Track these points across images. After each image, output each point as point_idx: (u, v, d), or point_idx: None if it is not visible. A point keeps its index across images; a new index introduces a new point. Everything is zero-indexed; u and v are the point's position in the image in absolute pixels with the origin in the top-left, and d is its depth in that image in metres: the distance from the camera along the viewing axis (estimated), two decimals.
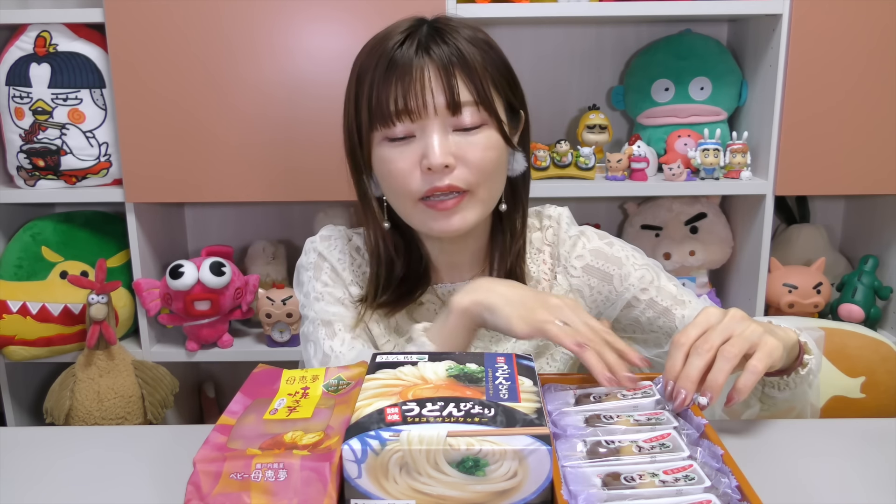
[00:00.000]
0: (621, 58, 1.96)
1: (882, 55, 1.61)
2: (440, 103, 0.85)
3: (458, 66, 0.86)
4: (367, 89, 0.87)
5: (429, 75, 0.84)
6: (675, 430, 0.67)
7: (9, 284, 1.70)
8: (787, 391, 0.85)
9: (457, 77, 0.85)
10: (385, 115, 0.85)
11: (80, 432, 1.08)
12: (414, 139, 0.86)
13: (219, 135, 1.64)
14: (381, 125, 0.86)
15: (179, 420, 1.96)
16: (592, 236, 1.02)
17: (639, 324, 1.00)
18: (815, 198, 2.01)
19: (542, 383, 0.77)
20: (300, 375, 0.74)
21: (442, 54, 0.85)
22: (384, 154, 0.88)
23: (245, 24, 1.59)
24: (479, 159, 0.87)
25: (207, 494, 0.58)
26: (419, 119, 0.85)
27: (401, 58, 0.85)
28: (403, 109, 0.84)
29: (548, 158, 1.72)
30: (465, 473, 0.56)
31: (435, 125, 0.85)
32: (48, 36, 1.63)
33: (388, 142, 0.87)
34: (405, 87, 0.84)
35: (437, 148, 0.84)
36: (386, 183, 0.90)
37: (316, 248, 1.02)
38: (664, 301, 0.99)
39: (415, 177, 0.86)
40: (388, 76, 0.85)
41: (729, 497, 0.58)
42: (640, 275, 0.99)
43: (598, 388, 0.75)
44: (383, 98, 0.85)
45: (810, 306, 1.75)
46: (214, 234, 2.05)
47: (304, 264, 1.02)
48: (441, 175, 0.85)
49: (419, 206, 0.88)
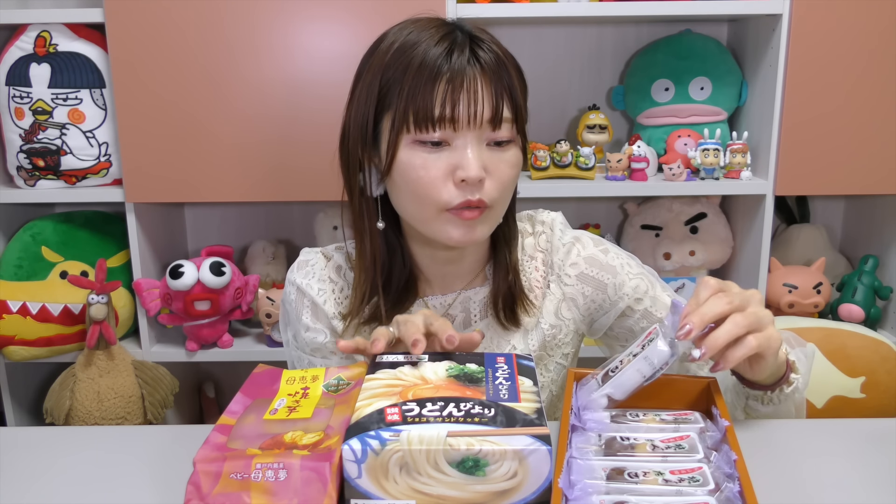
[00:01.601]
0: (621, 58, 1.96)
1: (882, 55, 1.61)
2: (486, 115, 0.83)
3: (504, 81, 0.85)
4: (405, 90, 0.82)
5: (481, 85, 0.83)
6: (698, 433, 0.67)
7: (9, 284, 1.70)
8: (771, 406, 0.85)
9: (504, 94, 0.84)
10: (427, 118, 0.82)
11: (80, 432, 1.08)
12: (447, 147, 0.84)
13: (219, 135, 1.64)
14: (419, 129, 0.83)
15: (179, 420, 1.96)
16: (588, 243, 1.00)
17: (632, 333, 1.00)
18: (815, 198, 2.01)
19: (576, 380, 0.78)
20: (300, 375, 0.74)
21: (491, 65, 0.84)
22: (414, 159, 0.84)
23: (245, 24, 1.59)
24: (506, 176, 0.86)
25: (207, 494, 0.58)
26: (461, 129, 0.83)
27: (449, 60, 0.82)
28: (450, 117, 0.82)
29: (548, 158, 1.72)
30: (465, 473, 0.56)
31: (473, 137, 0.84)
32: (48, 36, 1.63)
33: (419, 145, 0.84)
34: (455, 93, 0.82)
35: (475, 161, 0.83)
36: (410, 187, 0.85)
37: (293, 279, 0.99)
38: (659, 312, 0.98)
39: (447, 187, 0.84)
40: (434, 79, 0.82)
41: (731, 502, 0.58)
42: (635, 284, 0.98)
43: (612, 362, 0.75)
44: (428, 101, 0.82)
45: (810, 306, 1.75)
46: (214, 234, 2.05)
47: (288, 298, 1.00)
48: (473, 188, 0.84)
49: (444, 216, 0.85)
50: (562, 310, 0.98)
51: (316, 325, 0.97)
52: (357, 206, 0.93)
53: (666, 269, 1.85)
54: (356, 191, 0.92)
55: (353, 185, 0.92)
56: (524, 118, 0.90)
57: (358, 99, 0.88)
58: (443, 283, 0.98)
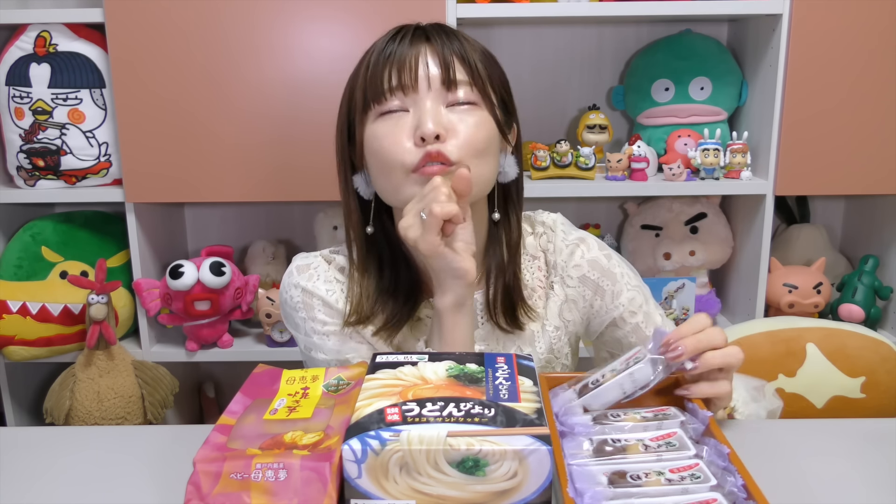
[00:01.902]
0: (621, 58, 1.96)
1: (882, 55, 1.61)
2: (434, 76, 0.86)
3: (455, 50, 0.88)
4: (361, 75, 0.89)
5: (425, 52, 0.87)
6: (680, 427, 0.67)
7: (9, 284, 1.70)
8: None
9: (454, 58, 0.88)
10: (378, 91, 0.87)
11: (80, 432, 1.08)
12: (408, 114, 0.87)
13: (219, 135, 1.64)
14: (374, 102, 0.87)
15: (179, 420, 1.96)
16: (592, 245, 1.00)
17: (620, 345, 1.00)
18: (815, 198, 2.01)
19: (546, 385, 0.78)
20: (300, 375, 0.74)
21: (439, 38, 0.88)
22: (376, 130, 0.88)
23: (245, 24, 1.59)
24: (471, 136, 0.86)
25: (207, 494, 0.58)
26: (412, 92, 0.86)
27: (398, 44, 0.88)
28: (398, 84, 0.86)
29: (548, 158, 1.72)
30: (465, 473, 0.56)
31: (431, 98, 0.86)
32: (48, 36, 1.63)
33: (381, 118, 0.88)
34: (400, 63, 0.86)
35: (430, 117, 0.85)
36: (378, 159, 0.88)
37: (296, 283, 0.98)
38: (649, 329, 0.98)
39: (407, 148, 0.85)
40: (383, 58, 0.87)
41: (735, 496, 0.58)
42: (631, 296, 0.98)
43: (592, 375, 0.76)
44: (378, 76, 0.87)
45: (810, 306, 1.75)
46: (214, 234, 2.05)
47: (291, 304, 0.98)
48: (433, 145, 0.85)
49: (411, 178, 0.86)
50: (564, 312, 0.99)
51: (333, 316, 0.96)
52: (354, 212, 0.95)
53: (666, 269, 1.85)
54: (351, 197, 0.95)
55: (349, 191, 0.95)
56: (497, 94, 0.91)
57: (340, 109, 0.95)
58: None
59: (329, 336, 0.96)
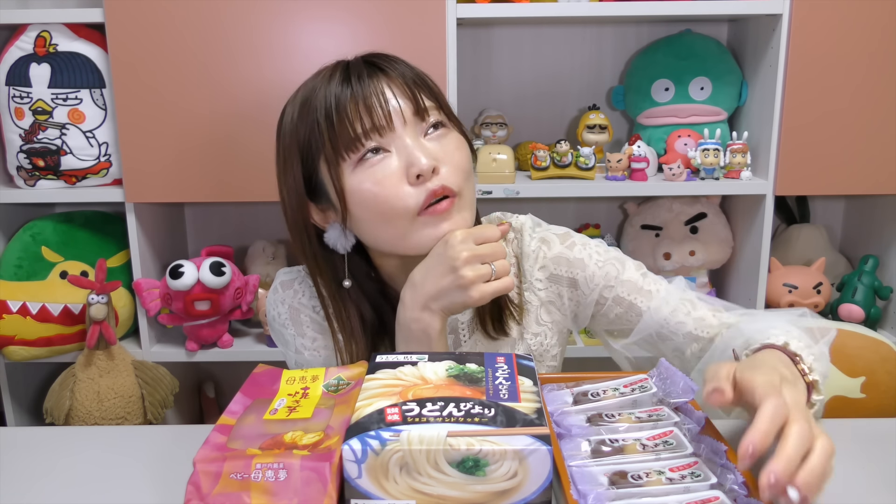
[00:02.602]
0: (621, 58, 1.96)
1: (882, 55, 1.61)
2: (408, 110, 0.83)
3: (412, 75, 0.85)
4: (320, 126, 0.83)
5: (387, 86, 0.83)
6: (676, 427, 0.67)
7: (9, 284, 1.70)
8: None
9: (415, 84, 0.85)
10: (351, 139, 0.82)
11: (80, 432, 1.08)
12: (390, 154, 0.83)
13: (219, 135, 1.64)
14: (349, 151, 0.82)
15: (179, 420, 1.96)
16: (553, 242, 0.97)
17: (609, 321, 0.98)
18: (815, 198, 2.01)
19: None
20: (300, 375, 0.74)
21: (394, 66, 0.85)
22: (363, 180, 0.82)
23: (245, 24, 1.59)
24: (458, 160, 0.85)
25: (207, 494, 0.58)
26: (388, 132, 0.82)
27: (352, 84, 0.83)
28: (371, 127, 0.82)
29: (548, 158, 1.72)
30: (466, 473, 0.56)
31: (407, 135, 0.83)
32: (48, 36, 1.63)
33: (360, 164, 0.83)
34: (367, 103, 0.82)
35: (420, 151, 0.82)
36: (372, 210, 0.83)
37: (282, 299, 0.97)
38: (629, 295, 0.95)
39: (406, 192, 0.82)
40: (342, 102, 0.82)
41: (735, 493, 0.58)
42: (605, 272, 0.96)
43: (595, 385, 0.75)
44: (345, 123, 0.81)
45: (810, 306, 1.75)
46: (214, 234, 2.05)
47: (280, 321, 0.97)
48: (432, 180, 0.82)
49: (417, 221, 0.83)
50: (541, 315, 0.97)
51: (321, 333, 0.96)
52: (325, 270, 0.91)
53: (666, 269, 1.85)
54: (318, 256, 0.90)
55: (314, 251, 0.90)
56: (449, 106, 0.89)
57: (284, 172, 0.89)
58: None
59: (319, 351, 0.96)
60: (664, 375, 0.75)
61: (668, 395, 0.73)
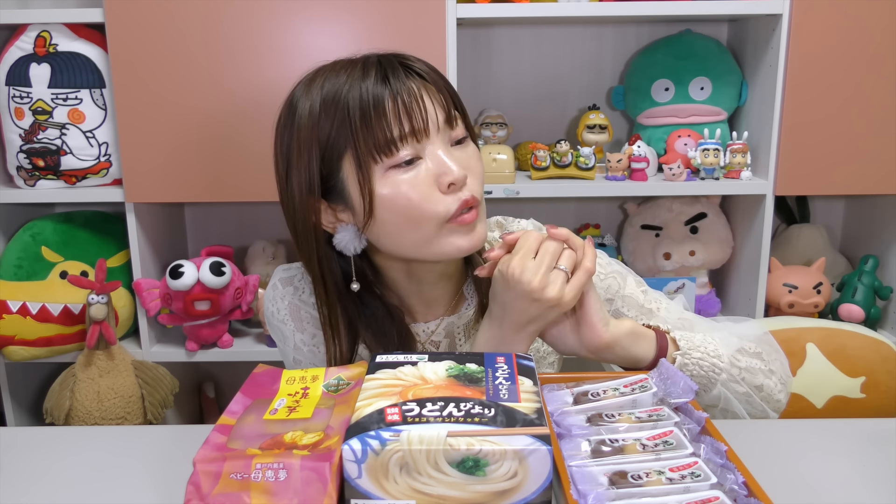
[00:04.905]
0: (621, 58, 1.96)
1: (882, 55, 1.61)
2: (441, 117, 0.83)
3: (442, 81, 0.85)
4: (357, 127, 0.80)
5: (425, 92, 0.82)
6: (676, 427, 0.67)
7: (9, 284, 1.70)
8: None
9: (445, 90, 0.85)
10: (390, 140, 0.80)
11: (80, 432, 1.08)
12: (421, 161, 0.82)
13: (219, 135, 1.64)
14: (385, 154, 0.80)
15: (179, 420, 1.96)
16: None
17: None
18: (815, 198, 2.01)
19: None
20: (300, 375, 0.74)
21: (426, 71, 0.85)
22: (397, 183, 0.81)
23: (245, 24, 1.59)
24: (479, 169, 0.86)
25: (207, 494, 0.58)
26: (424, 139, 0.82)
27: (389, 84, 0.81)
28: (409, 130, 0.80)
29: (548, 158, 1.72)
30: (466, 473, 0.56)
31: (439, 141, 0.83)
32: (48, 36, 1.63)
33: (393, 170, 0.81)
34: (406, 107, 0.80)
35: (455, 162, 0.82)
36: (403, 214, 0.82)
37: (282, 296, 0.97)
38: (628, 311, 0.95)
39: (438, 198, 0.81)
40: (381, 103, 0.80)
41: (735, 493, 0.58)
42: (606, 285, 0.96)
43: (595, 385, 0.75)
44: (385, 125, 0.79)
45: (810, 306, 1.75)
46: (214, 234, 2.05)
47: (279, 317, 0.97)
48: (462, 189, 0.83)
49: (445, 228, 0.82)
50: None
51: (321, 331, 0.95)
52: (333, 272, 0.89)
53: (666, 269, 1.85)
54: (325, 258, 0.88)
55: (321, 253, 0.88)
56: (469, 116, 0.90)
57: (296, 167, 0.85)
58: (426, 311, 0.96)
59: (319, 348, 0.96)
60: (664, 375, 0.75)
61: (668, 394, 0.73)
